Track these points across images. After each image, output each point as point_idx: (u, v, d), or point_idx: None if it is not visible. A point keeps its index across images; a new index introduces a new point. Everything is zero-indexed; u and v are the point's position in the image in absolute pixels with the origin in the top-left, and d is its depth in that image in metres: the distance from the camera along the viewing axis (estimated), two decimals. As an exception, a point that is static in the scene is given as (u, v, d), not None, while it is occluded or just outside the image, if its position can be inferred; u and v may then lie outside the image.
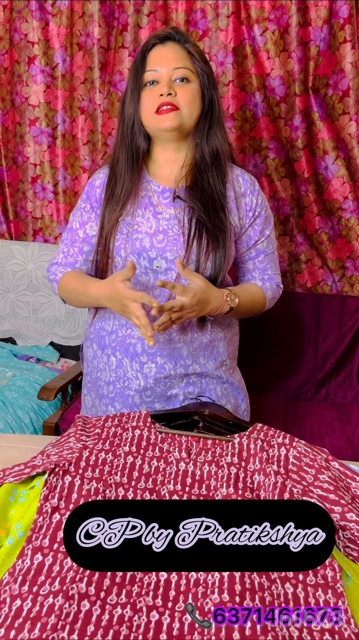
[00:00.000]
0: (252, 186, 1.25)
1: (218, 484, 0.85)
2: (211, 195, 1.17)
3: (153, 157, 1.24)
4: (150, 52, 1.15)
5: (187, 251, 1.16)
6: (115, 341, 1.24)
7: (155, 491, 0.83)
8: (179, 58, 1.14)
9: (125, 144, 1.19)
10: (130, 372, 1.22)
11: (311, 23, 1.77)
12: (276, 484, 0.83)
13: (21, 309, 2.25)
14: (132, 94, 1.16)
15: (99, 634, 0.60)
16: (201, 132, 1.18)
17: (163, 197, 1.21)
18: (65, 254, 1.30)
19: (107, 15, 1.93)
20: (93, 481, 0.82)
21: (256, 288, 1.29)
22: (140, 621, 0.63)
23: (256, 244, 1.28)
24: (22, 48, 2.05)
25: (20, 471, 0.86)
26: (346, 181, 1.86)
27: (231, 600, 0.63)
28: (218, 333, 1.25)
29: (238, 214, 1.23)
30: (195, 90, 1.15)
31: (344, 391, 2.01)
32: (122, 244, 1.19)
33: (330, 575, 0.71)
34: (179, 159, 1.22)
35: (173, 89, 1.13)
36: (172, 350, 1.20)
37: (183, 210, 1.19)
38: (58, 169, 2.15)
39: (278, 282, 1.34)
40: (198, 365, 1.23)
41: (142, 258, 1.18)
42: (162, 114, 1.13)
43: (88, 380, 1.34)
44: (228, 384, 1.29)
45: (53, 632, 0.59)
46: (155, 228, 1.18)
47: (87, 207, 1.27)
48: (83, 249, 1.28)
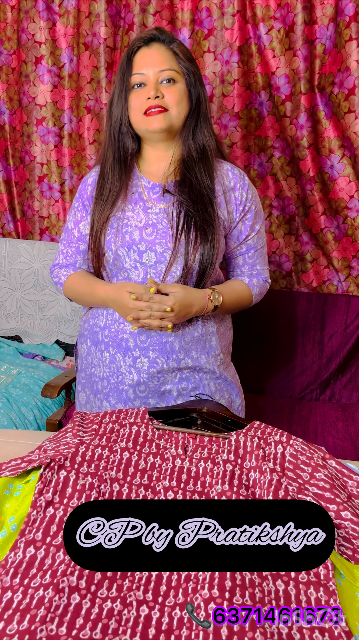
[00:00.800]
0: (242, 180, 1.26)
1: (213, 480, 0.85)
2: (199, 190, 1.19)
3: (142, 155, 1.26)
4: (135, 55, 1.17)
5: (176, 244, 1.18)
6: (107, 336, 1.25)
7: (150, 487, 0.83)
8: (164, 60, 1.15)
9: (112, 145, 1.21)
10: (124, 367, 1.23)
11: (317, 21, 1.76)
12: (272, 482, 0.83)
13: (27, 307, 2.26)
14: (119, 97, 1.18)
15: (87, 627, 0.60)
16: (188, 129, 1.20)
17: (153, 192, 1.23)
18: (64, 255, 1.33)
19: (114, 15, 1.94)
20: (88, 476, 0.82)
21: (241, 285, 1.31)
22: (129, 615, 0.63)
23: (247, 239, 1.29)
24: (29, 48, 2.07)
25: (16, 465, 0.86)
26: (352, 180, 1.85)
27: (221, 596, 0.63)
28: (211, 327, 1.26)
29: (227, 208, 1.24)
30: (182, 90, 1.17)
31: (350, 392, 2.00)
32: (112, 237, 1.21)
33: (323, 573, 0.70)
34: (168, 156, 1.24)
35: (160, 91, 1.15)
36: (163, 345, 1.21)
37: (172, 205, 1.21)
38: (64, 168, 2.16)
39: (265, 277, 1.36)
40: (190, 359, 1.23)
41: (131, 251, 1.20)
42: (150, 116, 1.15)
43: (82, 376, 1.36)
44: (221, 379, 1.29)
45: (42, 624, 0.60)
46: (144, 222, 1.20)
47: (79, 206, 1.30)
48: (80, 248, 1.30)
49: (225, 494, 0.82)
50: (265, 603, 0.64)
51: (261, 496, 0.83)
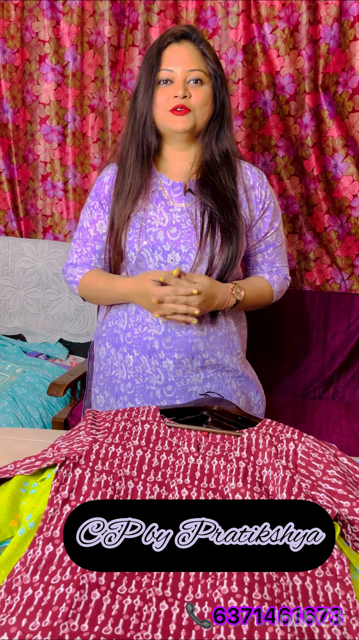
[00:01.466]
0: (260, 179, 1.26)
1: (227, 477, 0.85)
2: (224, 193, 1.18)
3: (162, 154, 1.25)
4: (165, 50, 1.15)
5: (201, 244, 1.17)
6: (131, 339, 1.24)
7: (165, 485, 0.84)
8: (194, 60, 1.15)
9: (135, 140, 1.19)
10: (149, 369, 1.23)
11: (321, 21, 1.76)
12: (285, 479, 0.84)
13: (31, 306, 2.26)
14: (145, 91, 1.16)
15: (109, 623, 0.61)
16: (211, 133, 1.20)
17: (173, 191, 1.22)
18: (79, 254, 1.30)
19: (118, 14, 1.94)
20: (103, 474, 0.83)
21: (263, 281, 1.30)
22: (149, 611, 0.63)
23: (266, 236, 1.29)
24: (33, 46, 2.06)
25: (31, 464, 0.87)
26: (356, 179, 1.85)
27: (241, 592, 0.64)
28: (232, 326, 1.27)
29: (249, 206, 1.24)
30: (208, 93, 1.16)
31: (353, 389, 2.01)
32: (136, 238, 1.20)
33: (338, 568, 0.71)
34: (188, 156, 1.23)
35: (187, 91, 1.14)
36: (189, 346, 1.21)
37: (194, 204, 1.21)
38: (68, 167, 2.16)
39: (285, 275, 1.36)
40: (214, 359, 1.24)
41: (156, 252, 1.19)
42: (175, 115, 1.15)
43: (101, 379, 1.34)
44: (243, 377, 1.30)
45: (64, 620, 0.60)
46: (168, 222, 1.20)
47: (95, 205, 1.28)
48: (95, 248, 1.28)
49: (239, 491, 0.82)
50: (283, 599, 0.65)
51: (275, 493, 0.83)
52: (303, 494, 0.81)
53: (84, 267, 1.30)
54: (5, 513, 0.76)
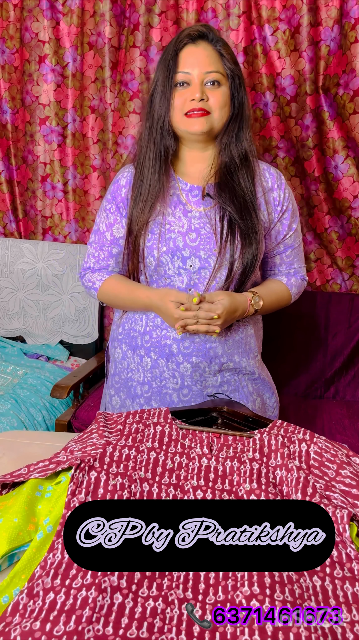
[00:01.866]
0: (279, 180, 1.25)
1: (241, 479, 0.86)
2: (243, 197, 1.17)
3: (179, 156, 1.23)
4: (181, 51, 1.13)
5: (221, 250, 1.17)
6: (149, 342, 1.24)
7: (179, 487, 0.84)
8: (211, 61, 1.13)
9: (153, 143, 1.18)
10: (167, 372, 1.23)
11: (322, 23, 1.77)
12: (299, 479, 0.84)
13: (31, 308, 2.25)
14: (162, 94, 1.14)
15: (134, 626, 0.61)
16: (230, 134, 1.18)
17: (192, 195, 1.21)
18: (96, 259, 1.29)
19: (118, 15, 1.94)
20: (118, 477, 0.83)
21: (280, 286, 1.30)
22: (172, 613, 0.63)
23: (285, 238, 1.28)
24: (32, 47, 2.06)
25: (45, 467, 0.87)
26: (356, 180, 1.87)
27: (262, 593, 0.64)
28: (250, 329, 1.27)
29: (267, 209, 1.23)
30: (226, 94, 1.15)
31: (354, 389, 2.02)
32: (154, 244, 1.18)
33: (356, 568, 0.71)
34: (206, 158, 1.22)
35: (205, 93, 1.13)
36: (207, 350, 1.21)
37: (213, 208, 1.20)
38: (68, 167, 2.16)
39: (303, 275, 1.35)
40: (232, 362, 1.24)
41: (175, 257, 1.18)
42: (192, 118, 1.13)
43: (116, 381, 1.33)
44: (260, 380, 1.30)
45: (88, 624, 0.60)
46: (187, 227, 1.19)
47: (112, 208, 1.26)
48: (112, 252, 1.27)
49: (254, 492, 0.83)
50: (304, 599, 0.66)
51: (289, 494, 0.84)
52: (318, 494, 0.82)
53: (102, 272, 1.29)
54: (23, 517, 0.75)
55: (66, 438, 1.12)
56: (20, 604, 0.64)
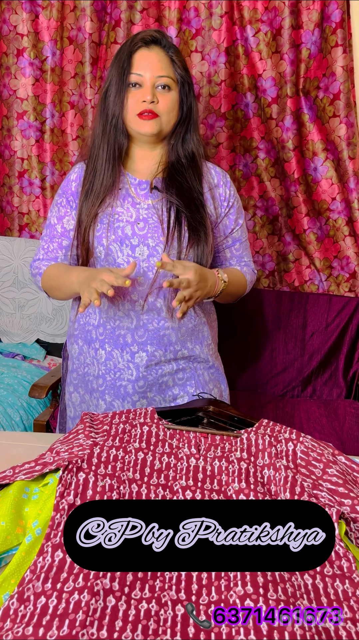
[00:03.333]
0: (224, 178, 1.32)
1: (229, 479, 0.86)
2: (190, 193, 1.23)
3: (128, 154, 1.28)
4: (135, 54, 1.19)
5: (168, 237, 1.21)
6: (103, 334, 1.26)
7: (168, 487, 0.84)
8: (163, 66, 1.18)
9: (107, 141, 1.22)
10: (122, 363, 1.25)
11: (303, 26, 1.79)
12: (287, 478, 0.85)
13: (6, 306, 2.21)
14: (116, 93, 1.19)
15: (128, 629, 0.60)
16: (177, 136, 1.24)
17: (140, 188, 1.26)
18: (45, 250, 1.33)
19: (99, 10, 1.91)
20: (107, 478, 0.82)
21: (237, 270, 1.36)
22: (166, 615, 0.63)
23: (232, 232, 1.34)
24: (10, 40, 2.01)
25: (31, 469, 0.85)
26: (335, 182, 1.90)
27: (256, 593, 0.64)
28: (202, 318, 1.31)
29: (214, 204, 1.29)
30: (175, 99, 1.21)
31: (330, 388, 2.05)
32: (104, 233, 1.22)
33: (346, 566, 0.72)
34: (155, 156, 1.27)
35: (155, 96, 1.18)
36: (161, 338, 1.24)
37: (160, 201, 1.24)
38: (46, 164, 2.12)
39: (253, 268, 1.42)
40: (186, 350, 1.28)
41: (124, 246, 1.22)
42: (143, 119, 1.19)
43: (74, 377, 1.35)
44: (214, 368, 1.34)
45: (82, 628, 0.59)
46: (135, 217, 1.23)
47: (63, 202, 1.30)
48: (62, 244, 1.30)
49: (243, 492, 0.83)
50: (297, 597, 0.66)
51: (278, 493, 0.84)
52: (306, 493, 0.83)
53: (50, 262, 1.32)
54: (9, 520, 0.74)
55: (50, 439, 1.11)
56: (10, 609, 0.62)
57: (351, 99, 1.79)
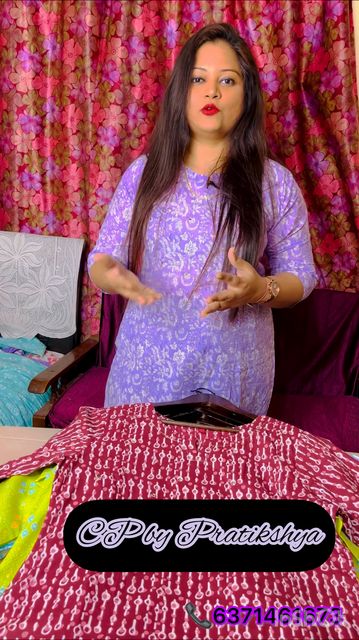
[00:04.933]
0: (286, 177, 1.27)
1: (226, 474, 0.86)
2: (247, 189, 1.19)
3: (190, 149, 1.26)
4: (200, 48, 1.16)
5: (218, 235, 1.18)
6: (144, 329, 1.26)
7: (165, 482, 0.83)
8: (228, 59, 1.15)
9: (169, 136, 1.21)
10: (159, 360, 1.24)
11: (305, 19, 1.78)
12: (284, 475, 0.85)
13: (6, 301, 2.21)
14: (180, 89, 1.17)
15: (123, 624, 0.60)
16: (240, 131, 1.21)
17: (197, 183, 1.24)
18: (102, 242, 1.32)
19: (100, 4, 1.90)
20: (104, 473, 0.82)
21: (294, 278, 1.30)
22: (161, 610, 0.63)
23: (291, 234, 1.29)
24: (10, 33, 2.00)
25: (27, 463, 0.85)
26: (336, 178, 1.89)
27: (251, 588, 0.64)
28: (250, 323, 1.26)
29: (272, 203, 1.25)
30: (239, 93, 1.17)
31: (330, 384, 2.05)
32: (155, 227, 1.21)
33: (342, 562, 0.72)
34: (215, 152, 1.25)
35: (219, 90, 1.15)
36: (201, 339, 1.22)
37: (216, 197, 1.22)
38: (46, 158, 2.11)
39: (313, 272, 1.36)
40: (226, 354, 1.24)
41: (173, 241, 1.20)
42: (205, 114, 1.16)
43: (115, 369, 1.36)
44: (252, 377, 1.29)
45: (77, 623, 0.59)
46: (187, 212, 1.21)
47: (123, 193, 1.29)
48: (120, 235, 1.30)
49: (240, 488, 0.83)
50: (293, 594, 0.66)
51: (275, 489, 0.84)
52: (303, 489, 0.82)
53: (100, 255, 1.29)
54: (6, 515, 0.74)
55: (47, 434, 1.11)
56: (5, 603, 0.62)
57: (352, 94, 1.78)
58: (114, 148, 2.00)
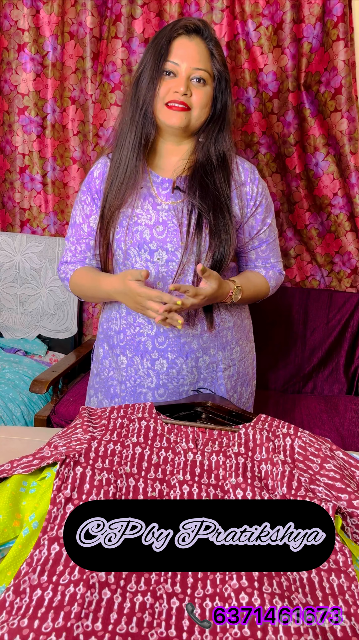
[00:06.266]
0: (252, 175, 1.23)
1: (226, 473, 0.86)
2: (217, 197, 1.16)
3: (155, 148, 1.22)
4: (175, 41, 1.12)
5: (187, 242, 1.15)
6: (124, 340, 1.23)
7: (165, 481, 0.84)
8: (201, 58, 1.12)
9: (135, 128, 1.16)
10: (142, 370, 1.22)
11: (305, 20, 1.78)
12: (284, 473, 0.85)
13: (8, 302, 2.22)
14: (150, 80, 1.13)
15: (123, 621, 0.61)
16: (209, 135, 1.18)
17: (162, 187, 1.20)
18: (73, 252, 1.28)
19: (100, 5, 1.91)
20: (104, 472, 0.82)
21: (259, 277, 1.30)
22: (161, 608, 0.63)
23: (259, 233, 1.27)
24: (11, 35, 2.01)
25: (29, 462, 0.85)
26: (336, 177, 1.89)
27: (251, 586, 0.65)
28: (227, 322, 1.26)
29: (239, 203, 1.21)
30: (209, 94, 1.15)
31: (331, 384, 2.05)
32: (122, 236, 1.18)
33: (341, 560, 0.72)
34: (180, 151, 1.21)
35: (189, 88, 1.12)
36: (182, 345, 1.20)
37: (182, 202, 1.18)
38: (47, 159, 2.12)
39: (280, 270, 1.35)
40: (208, 356, 1.23)
41: (142, 250, 1.17)
42: (172, 110, 1.13)
43: (97, 381, 1.33)
44: (237, 374, 1.29)
45: (77, 620, 0.59)
46: (154, 219, 1.17)
47: (87, 200, 1.25)
48: (90, 244, 1.26)
49: (240, 486, 0.83)
50: (292, 591, 0.66)
51: (274, 488, 0.84)
52: (303, 487, 0.83)
53: (77, 265, 1.27)
54: (7, 514, 0.74)
55: (48, 433, 1.11)
56: (6, 601, 0.63)
57: (352, 94, 1.78)
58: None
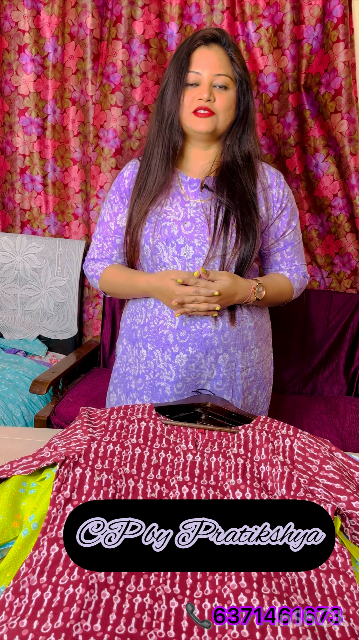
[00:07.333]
0: (278, 179, 1.29)
1: (226, 474, 0.86)
2: (244, 195, 1.21)
3: (183, 152, 1.27)
4: (194, 52, 1.18)
5: (214, 238, 1.19)
6: (147, 333, 1.26)
7: (165, 482, 0.84)
8: (222, 64, 1.17)
9: (162, 138, 1.22)
10: (162, 364, 1.25)
11: (305, 21, 1.78)
12: (284, 474, 0.85)
13: (8, 302, 2.22)
14: (174, 91, 1.18)
15: (122, 622, 0.61)
16: (234, 136, 1.23)
17: (190, 187, 1.25)
18: (100, 250, 1.32)
19: (100, 6, 1.91)
20: (104, 472, 0.82)
21: (284, 279, 1.32)
22: (160, 609, 0.63)
23: (284, 235, 1.31)
24: (12, 36, 2.02)
25: (28, 463, 0.85)
26: (336, 179, 1.89)
27: (249, 587, 0.65)
28: (248, 322, 1.28)
29: (266, 205, 1.26)
30: (232, 98, 1.19)
31: (331, 385, 2.05)
32: (150, 232, 1.22)
33: (340, 561, 0.72)
34: (209, 156, 1.26)
35: (212, 94, 1.17)
36: (203, 340, 1.23)
37: (210, 201, 1.23)
38: (47, 160, 2.12)
39: (304, 273, 1.38)
40: (228, 354, 1.25)
41: (169, 245, 1.21)
42: (198, 117, 1.18)
43: (116, 376, 1.36)
44: (253, 375, 1.31)
45: (76, 621, 0.60)
46: (183, 216, 1.22)
47: (116, 199, 1.30)
48: (116, 242, 1.30)
49: (239, 487, 0.83)
50: (291, 592, 0.66)
51: (274, 489, 0.85)
52: (302, 488, 0.83)
53: (105, 262, 1.32)
54: (7, 514, 0.74)
55: (48, 434, 1.11)
56: (6, 601, 0.63)
57: (352, 95, 1.79)
58: (115, 150, 2.01)
